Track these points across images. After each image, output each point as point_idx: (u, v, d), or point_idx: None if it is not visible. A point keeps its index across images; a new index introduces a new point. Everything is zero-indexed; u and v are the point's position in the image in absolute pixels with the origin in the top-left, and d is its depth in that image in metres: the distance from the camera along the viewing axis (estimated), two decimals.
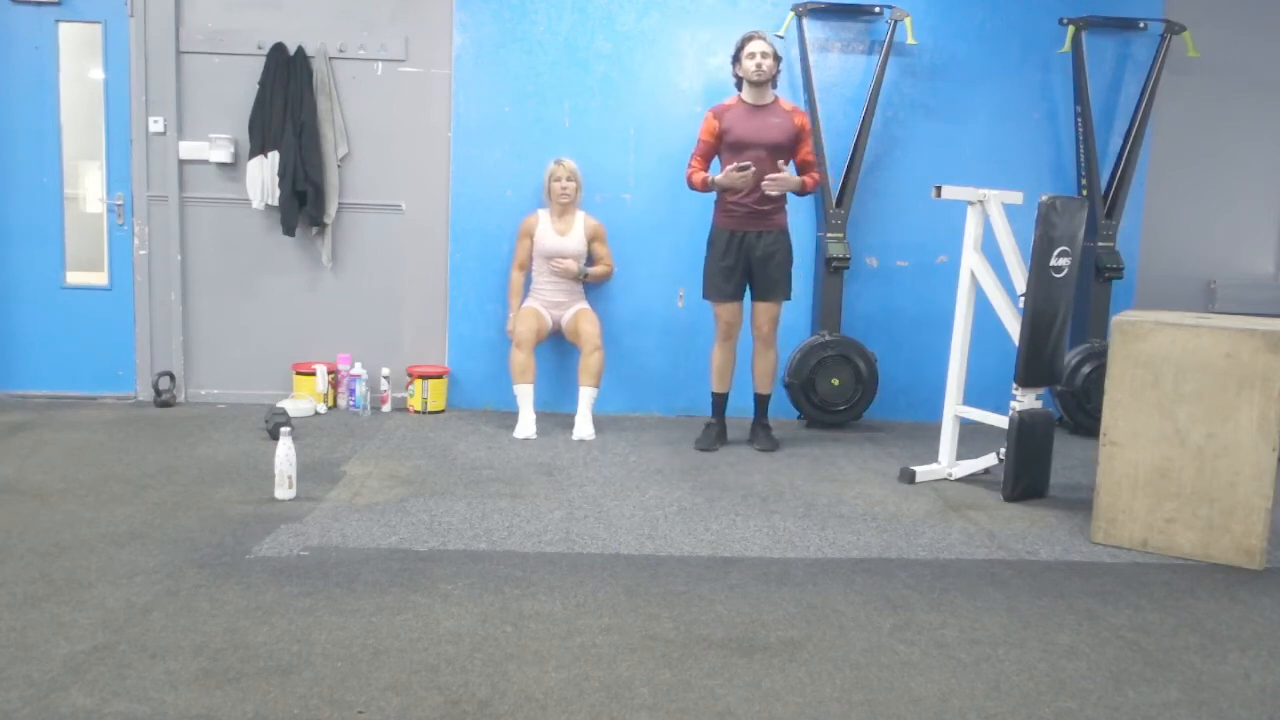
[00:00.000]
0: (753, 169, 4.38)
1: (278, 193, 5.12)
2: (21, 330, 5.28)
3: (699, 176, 4.56)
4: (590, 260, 5.14)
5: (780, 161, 4.47)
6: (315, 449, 4.36)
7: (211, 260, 5.31)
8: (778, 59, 4.51)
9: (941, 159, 5.40)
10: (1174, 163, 5.61)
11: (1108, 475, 3.40)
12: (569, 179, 4.99)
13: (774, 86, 4.56)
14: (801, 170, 4.60)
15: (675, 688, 2.25)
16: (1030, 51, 5.42)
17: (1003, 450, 4.02)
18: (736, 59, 4.52)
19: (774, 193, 4.42)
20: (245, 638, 2.42)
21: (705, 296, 4.70)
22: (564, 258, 5.02)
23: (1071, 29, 5.30)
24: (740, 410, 5.55)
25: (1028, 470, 3.95)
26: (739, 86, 4.57)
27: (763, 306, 4.63)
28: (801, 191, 4.60)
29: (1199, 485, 3.25)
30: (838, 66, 5.37)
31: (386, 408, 5.29)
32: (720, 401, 4.78)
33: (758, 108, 4.53)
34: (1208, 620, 2.78)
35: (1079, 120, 5.34)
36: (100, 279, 5.36)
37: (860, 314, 5.44)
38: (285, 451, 3.57)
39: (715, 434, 4.73)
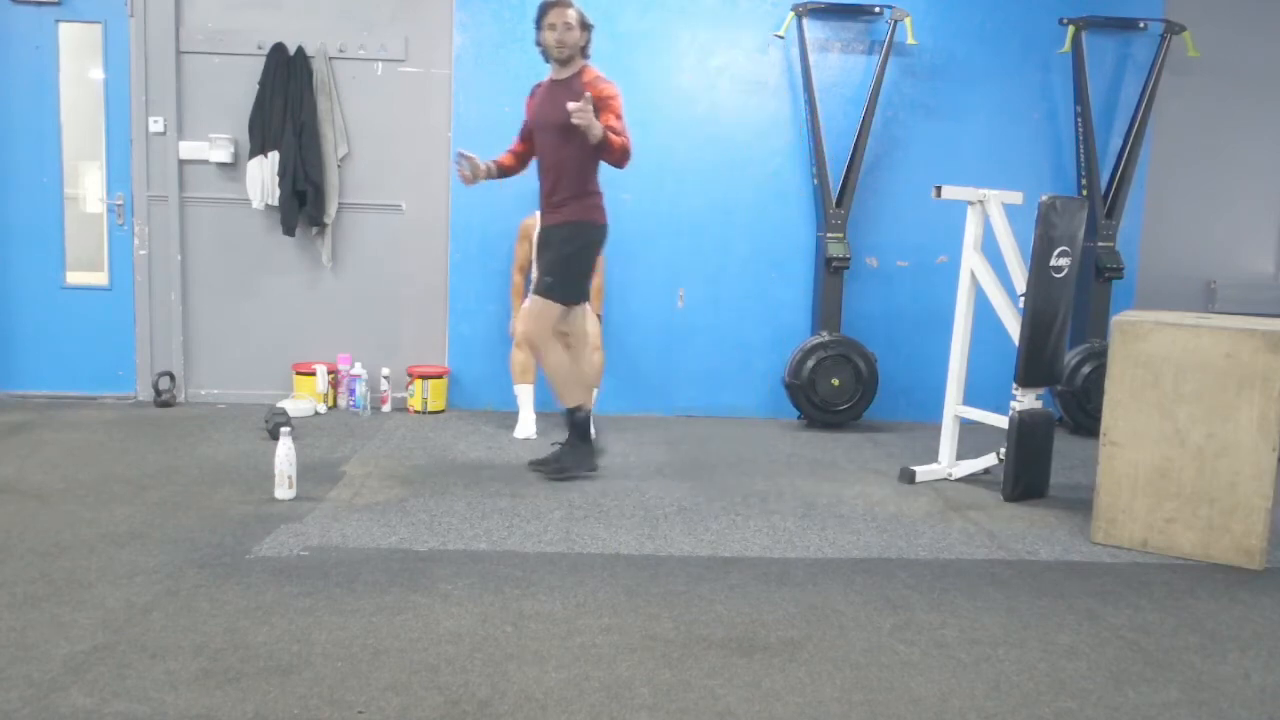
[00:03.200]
0: (473, 162, 3.96)
1: (278, 193, 5.12)
2: (21, 330, 5.29)
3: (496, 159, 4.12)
4: None
5: (579, 146, 3.83)
6: (315, 449, 4.36)
7: (211, 260, 5.31)
8: (586, 28, 3.96)
9: (941, 159, 5.41)
10: (1174, 163, 5.61)
11: (1108, 475, 3.40)
12: None
13: (585, 57, 4.01)
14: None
15: (675, 688, 2.25)
16: (1030, 51, 5.42)
17: (1003, 450, 4.02)
18: (539, 27, 3.96)
19: (578, 121, 3.68)
20: (245, 638, 2.42)
21: None
22: None
23: (1071, 29, 5.30)
24: (738, 409, 5.57)
25: (1028, 470, 3.95)
26: (546, 59, 4.03)
27: (531, 300, 4.04)
28: (604, 147, 3.80)
29: (1199, 485, 3.25)
30: (838, 66, 5.37)
31: (386, 408, 5.29)
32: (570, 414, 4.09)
33: (557, 83, 3.98)
34: (1208, 620, 2.78)
35: (1079, 120, 5.34)
36: (100, 279, 5.36)
37: (860, 314, 5.44)
38: (285, 451, 3.57)
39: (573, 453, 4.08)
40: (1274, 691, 2.36)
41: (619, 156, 3.88)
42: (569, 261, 3.98)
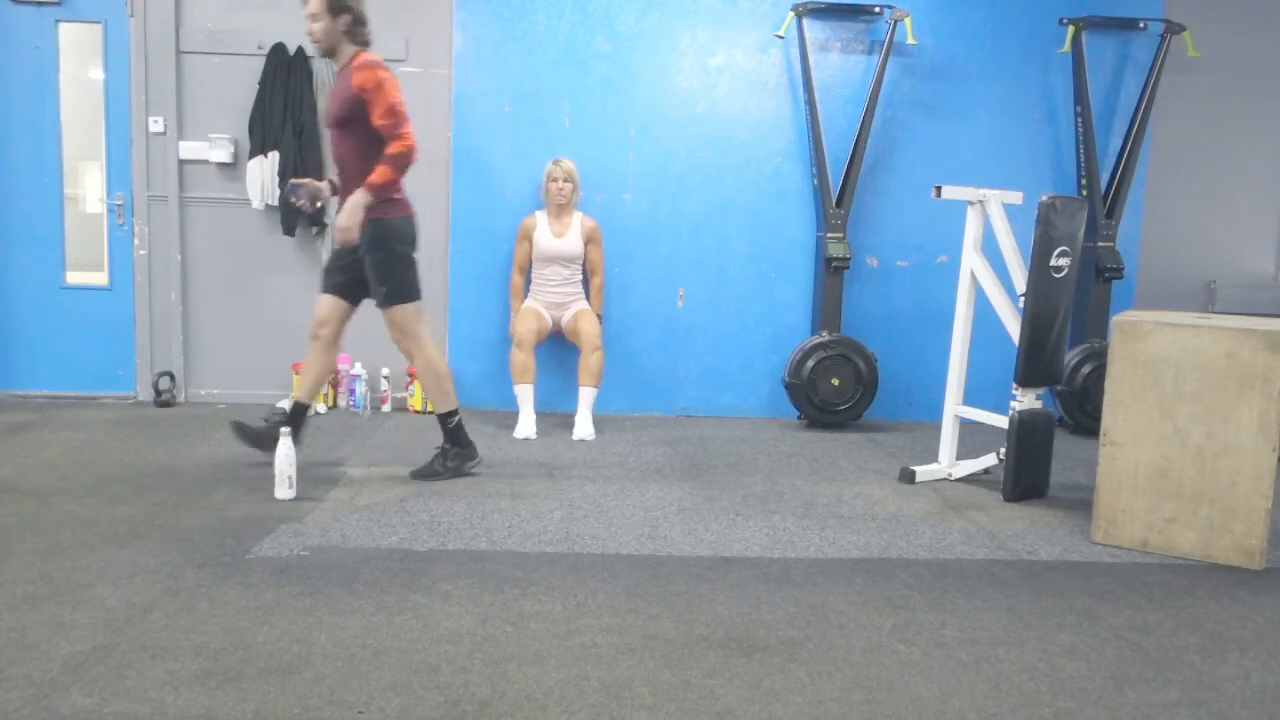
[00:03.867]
0: (309, 188, 3.85)
1: (278, 193, 5.12)
2: (21, 330, 5.29)
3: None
4: (584, 266, 5.15)
5: (357, 140, 3.68)
6: (315, 449, 4.36)
7: (211, 260, 5.31)
8: (339, 12, 3.63)
9: (941, 159, 5.41)
10: (1174, 163, 5.61)
11: (1108, 475, 3.39)
12: (565, 180, 4.99)
13: (358, 42, 3.72)
14: (384, 138, 3.63)
15: (675, 688, 2.25)
16: (1030, 51, 5.42)
17: (1003, 450, 4.02)
18: None
19: (344, 239, 3.66)
20: (245, 638, 2.42)
21: None
22: (562, 258, 5.03)
23: (1071, 29, 5.30)
24: (738, 409, 5.57)
25: (1028, 470, 3.95)
26: None
27: (384, 314, 3.86)
28: (375, 189, 3.61)
29: (1199, 485, 3.25)
30: (838, 66, 5.37)
31: (386, 408, 5.29)
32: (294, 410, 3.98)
33: (339, 75, 3.73)
34: (1208, 620, 2.78)
35: (1079, 120, 5.34)
36: (100, 279, 5.36)
37: (860, 314, 5.44)
38: (285, 451, 3.57)
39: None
40: (1274, 691, 2.36)
41: (400, 170, 3.64)
42: (389, 266, 3.77)
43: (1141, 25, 5.38)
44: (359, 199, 3.62)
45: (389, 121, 3.60)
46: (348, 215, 3.64)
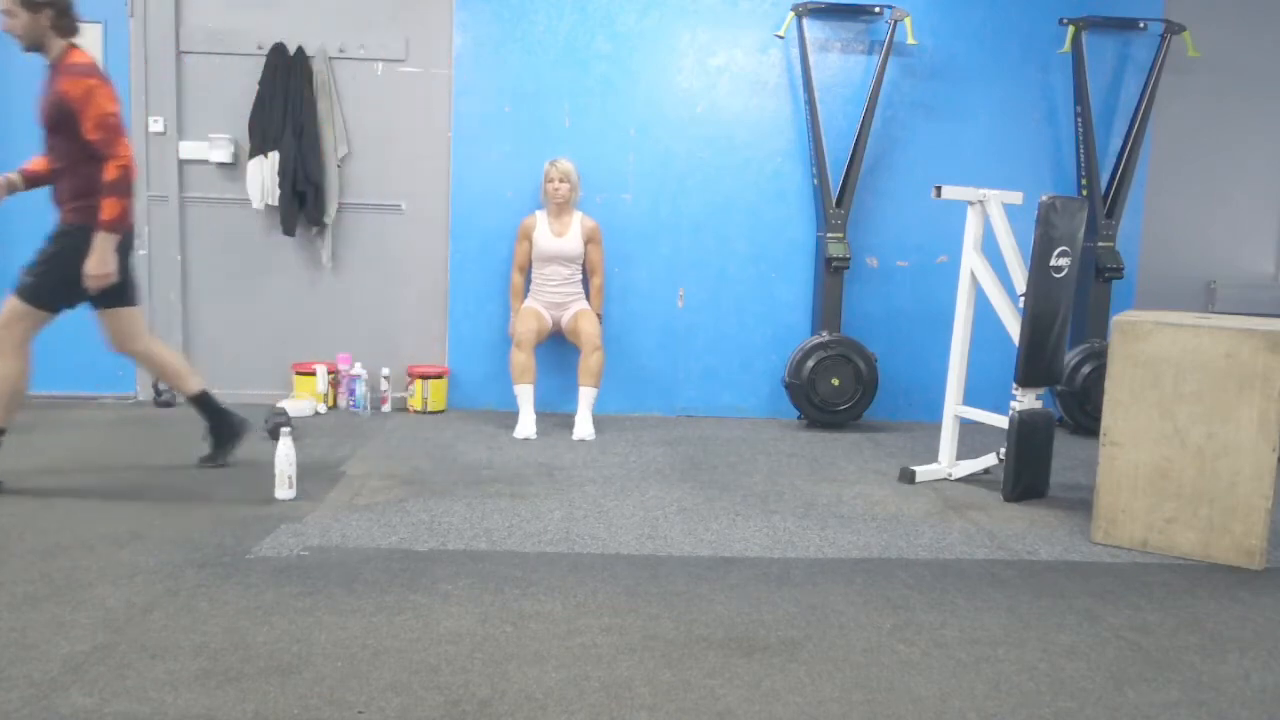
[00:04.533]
0: None
1: (278, 193, 5.12)
2: None
3: None
4: (584, 266, 5.15)
5: (66, 142, 3.51)
6: (315, 449, 4.36)
7: (211, 260, 5.31)
8: (37, 9, 3.43)
9: (941, 159, 5.41)
10: (1174, 163, 5.61)
11: (1108, 475, 3.40)
12: (561, 180, 4.99)
13: (67, 34, 3.54)
14: (99, 152, 3.45)
15: (675, 688, 2.25)
16: (1030, 51, 5.42)
17: (1003, 450, 4.02)
18: None
19: (97, 286, 3.55)
20: (245, 638, 2.42)
21: None
22: (562, 258, 5.03)
23: (1071, 29, 5.30)
24: (738, 409, 5.57)
25: (1028, 470, 3.95)
26: None
27: (6, 300, 3.66)
28: (112, 225, 3.48)
29: (1199, 485, 3.25)
30: (838, 66, 5.37)
31: (386, 408, 5.29)
32: None
33: (50, 68, 3.54)
34: (1208, 620, 2.78)
35: (1079, 120, 5.34)
36: None
37: (860, 314, 5.44)
38: (285, 451, 3.57)
39: None
40: (1274, 691, 2.36)
41: (124, 194, 3.50)
42: (52, 261, 3.57)
43: (1141, 25, 5.38)
44: (105, 242, 3.48)
45: (100, 136, 3.41)
46: (98, 262, 3.49)
